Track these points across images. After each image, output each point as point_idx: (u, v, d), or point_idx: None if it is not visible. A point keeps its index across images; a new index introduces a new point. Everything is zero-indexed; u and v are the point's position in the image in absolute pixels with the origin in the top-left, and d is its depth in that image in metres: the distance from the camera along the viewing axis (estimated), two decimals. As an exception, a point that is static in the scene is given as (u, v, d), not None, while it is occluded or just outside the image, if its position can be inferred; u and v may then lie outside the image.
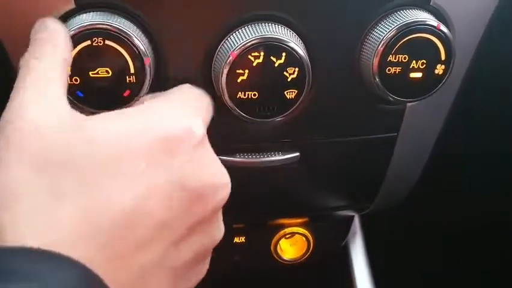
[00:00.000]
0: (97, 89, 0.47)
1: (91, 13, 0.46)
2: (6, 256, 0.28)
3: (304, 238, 0.82)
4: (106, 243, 0.31)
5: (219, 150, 0.59)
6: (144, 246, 0.33)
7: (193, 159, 0.36)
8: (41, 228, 0.30)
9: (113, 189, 0.32)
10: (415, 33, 0.50)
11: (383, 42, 0.50)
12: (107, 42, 0.45)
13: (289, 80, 0.49)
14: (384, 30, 0.50)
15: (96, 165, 0.32)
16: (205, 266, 0.42)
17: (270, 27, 0.48)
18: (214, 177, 0.38)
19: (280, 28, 0.49)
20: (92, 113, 0.37)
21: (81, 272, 0.29)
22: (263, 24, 0.49)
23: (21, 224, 0.30)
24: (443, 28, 0.50)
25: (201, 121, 0.39)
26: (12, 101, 0.35)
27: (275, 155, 0.60)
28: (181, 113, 0.39)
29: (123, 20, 0.47)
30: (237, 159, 0.59)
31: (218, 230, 0.41)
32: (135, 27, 0.47)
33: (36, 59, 0.38)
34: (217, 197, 0.38)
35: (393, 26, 0.50)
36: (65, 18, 0.47)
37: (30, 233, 0.30)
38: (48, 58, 0.39)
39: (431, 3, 0.52)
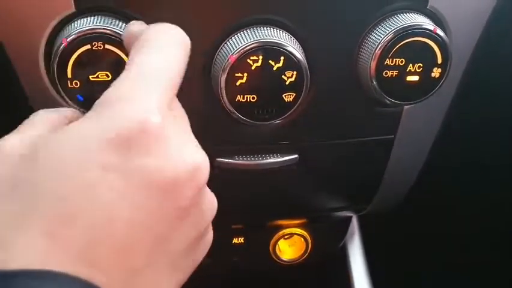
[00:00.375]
0: (97, 92, 0.47)
1: (91, 17, 0.47)
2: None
3: (302, 239, 0.82)
4: (80, 253, 0.30)
5: (217, 152, 0.60)
6: (126, 250, 0.31)
7: (151, 152, 0.32)
8: (12, 253, 0.29)
9: (75, 199, 0.30)
10: (412, 37, 0.50)
11: (380, 45, 0.50)
12: (107, 46, 0.45)
13: (287, 83, 0.49)
14: (382, 34, 0.50)
15: (49, 183, 0.31)
16: (204, 242, 0.39)
17: (269, 31, 0.49)
18: (182, 164, 0.33)
19: (278, 32, 0.49)
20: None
21: (76, 284, 0.29)
22: (262, 28, 0.49)
23: None
24: (439, 32, 0.50)
25: (156, 101, 0.33)
26: None
27: (274, 157, 0.60)
28: (129, 103, 0.33)
29: (123, 24, 0.47)
30: (236, 161, 0.59)
31: (209, 203, 0.38)
32: None
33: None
34: (194, 182, 0.34)
35: (390, 30, 0.50)
36: (65, 22, 0.47)
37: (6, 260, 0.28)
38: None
39: (427, 7, 0.53)
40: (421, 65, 0.51)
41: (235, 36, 0.49)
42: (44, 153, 0.32)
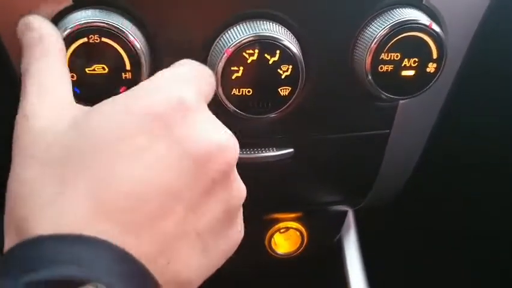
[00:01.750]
0: (93, 85, 0.47)
1: (88, 10, 0.47)
2: (44, 245, 0.30)
3: (298, 233, 0.83)
4: (119, 218, 0.32)
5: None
6: (160, 216, 0.33)
7: (189, 126, 0.35)
8: (56, 216, 0.31)
9: (118, 167, 0.33)
10: (407, 32, 0.50)
11: (375, 40, 0.50)
12: (103, 39, 0.45)
13: (283, 77, 0.49)
14: (377, 29, 0.51)
15: (97, 151, 0.33)
16: (234, 232, 0.41)
17: (265, 25, 0.49)
18: (215, 138, 0.36)
19: (274, 26, 0.50)
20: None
21: (113, 250, 0.31)
22: (258, 21, 0.49)
23: (38, 216, 0.32)
24: (435, 27, 0.50)
25: (192, 90, 0.38)
26: (22, 102, 0.37)
27: (269, 151, 0.60)
28: (170, 85, 0.38)
29: (120, 17, 0.47)
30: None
31: (237, 190, 0.40)
32: (131, 25, 0.48)
33: (36, 60, 0.39)
34: (223, 158, 0.36)
35: (386, 25, 0.50)
36: (62, 15, 0.47)
37: (49, 222, 0.31)
38: (47, 58, 0.40)
39: (423, 2, 0.53)
40: (416, 59, 0.51)
41: (231, 29, 0.49)
42: (93, 122, 0.35)
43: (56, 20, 0.47)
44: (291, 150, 0.61)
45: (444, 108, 0.63)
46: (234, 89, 0.50)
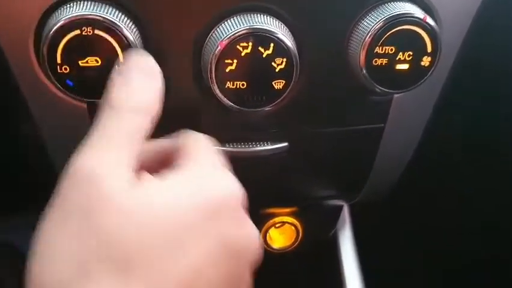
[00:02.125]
0: (86, 78, 0.47)
1: (81, 3, 0.46)
2: None
3: (293, 227, 0.83)
4: None
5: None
6: None
7: (233, 220, 0.38)
8: None
9: (174, 261, 0.34)
10: (402, 25, 0.50)
11: (370, 33, 0.50)
12: (96, 31, 0.45)
13: (277, 70, 0.49)
14: (372, 22, 0.50)
15: (155, 241, 0.34)
16: None
17: (259, 18, 0.49)
18: (251, 237, 0.40)
19: (268, 19, 0.49)
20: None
21: None
22: (252, 14, 0.49)
23: None
24: (429, 20, 0.50)
25: (237, 182, 0.41)
26: (84, 153, 0.37)
27: (264, 145, 0.60)
28: (219, 177, 0.40)
29: (113, 9, 0.47)
30: (226, 148, 0.59)
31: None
32: (125, 17, 0.47)
33: (131, 112, 0.39)
34: (250, 256, 0.40)
35: (380, 18, 0.50)
36: (55, 7, 0.47)
37: None
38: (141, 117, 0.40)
39: (418, -4, 0.53)
40: (411, 53, 0.51)
41: (225, 22, 0.49)
42: (137, 211, 0.34)
43: (50, 12, 0.47)
44: (285, 144, 0.61)
45: (439, 103, 0.63)
46: (228, 82, 0.49)
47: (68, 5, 0.46)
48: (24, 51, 0.49)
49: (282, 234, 0.85)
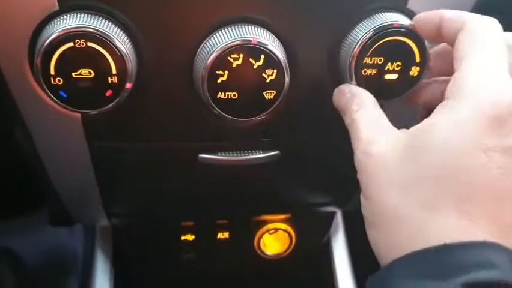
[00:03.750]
0: (80, 89, 0.48)
1: (74, 15, 0.47)
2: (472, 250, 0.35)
3: (287, 234, 0.83)
4: (487, 223, 0.36)
5: (200, 148, 0.60)
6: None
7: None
8: (438, 230, 0.37)
9: (472, 180, 0.37)
10: (390, 36, 0.51)
11: (358, 44, 0.51)
12: (89, 44, 0.46)
13: (268, 81, 0.50)
14: (361, 33, 0.51)
15: (447, 168, 0.38)
16: None
17: (250, 30, 0.49)
18: None
19: (259, 30, 0.50)
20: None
21: (504, 250, 0.36)
22: (243, 26, 0.50)
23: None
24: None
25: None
26: (357, 147, 0.46)
27: (255, 153, 0.61)
28: (501, 82, 0.39)
29: (106, 21, 0.48)
30: (218, 157, 0.60)
31: None
32: (117, 29, 0.48)
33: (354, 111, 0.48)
34: None
35: (369, 29, 0.51)
36: (49, 19, 0.48)
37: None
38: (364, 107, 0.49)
39: (407, 6, 0.53)
40: (400, 63, 0.52)
41: (216, 34, 0.50)
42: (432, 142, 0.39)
43: (43, 25, 0.48)
44: (277, 152, 0.62)
45: (429, 108, 0.64)
46: (220, 93, 0.50)
47: (62, 17, 0.47)
48: (18, 63, 0.50)
49: (276, 241, 0.85)
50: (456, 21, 0.45)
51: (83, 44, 0.46)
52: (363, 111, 0.48)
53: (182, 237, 0.81)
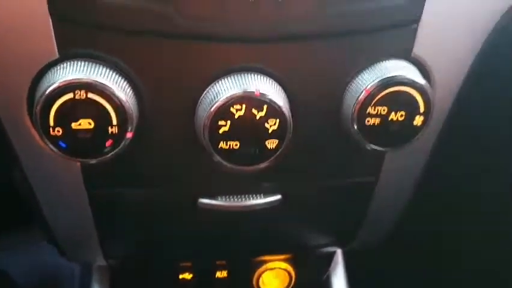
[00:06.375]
0: (79, 139, 0.47)
1: (74, 63, 0.46)
2: None
3: (286, 272, 0.82)
4: None
5: (200, 193, 0.60)
6: None
7: None
8: None
9: None
10: (395, 86, 0.50)
11: (363, 93, 0.50)
12: (89, 95, 0.45)
13: (270, 131, 0.49)
14: (365, 83, 0.50)
15: None
16: None
17: (252, 79, 0.49)
18: None
19: (262, 79, 0.49)
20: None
21: None
22: (245, 75, 0.49)
23: None
24: (422, 81, 0.50)
25: None
26: None
27: (256, 198, 0.60)
28: None
29: (106, 69, 0.47)
30: (218, 202, 0.59)
31: None
32: (118, 77, 0.47)
33: None
34: None
35: (373, 79, 0.50)
36: (48, 68, 0.47)
37: None
38: None
39: (411, 55, 0.53)
40: (403, 113, 0.51)
41: (219, 82, 0.49)
42: None
43: (42, 73, 0.47)
44: (278, 197, 0.61)
45: (433, 154, 0.63)
46: (222, 142, 0.49)
47: (62, 66, 0.46)
48: (18, 112, 0.49)
49: (276, 279, 0.84)
50: None
51: (83, 95, 0.45)
52: None
53: (181, 276, 0.80)
